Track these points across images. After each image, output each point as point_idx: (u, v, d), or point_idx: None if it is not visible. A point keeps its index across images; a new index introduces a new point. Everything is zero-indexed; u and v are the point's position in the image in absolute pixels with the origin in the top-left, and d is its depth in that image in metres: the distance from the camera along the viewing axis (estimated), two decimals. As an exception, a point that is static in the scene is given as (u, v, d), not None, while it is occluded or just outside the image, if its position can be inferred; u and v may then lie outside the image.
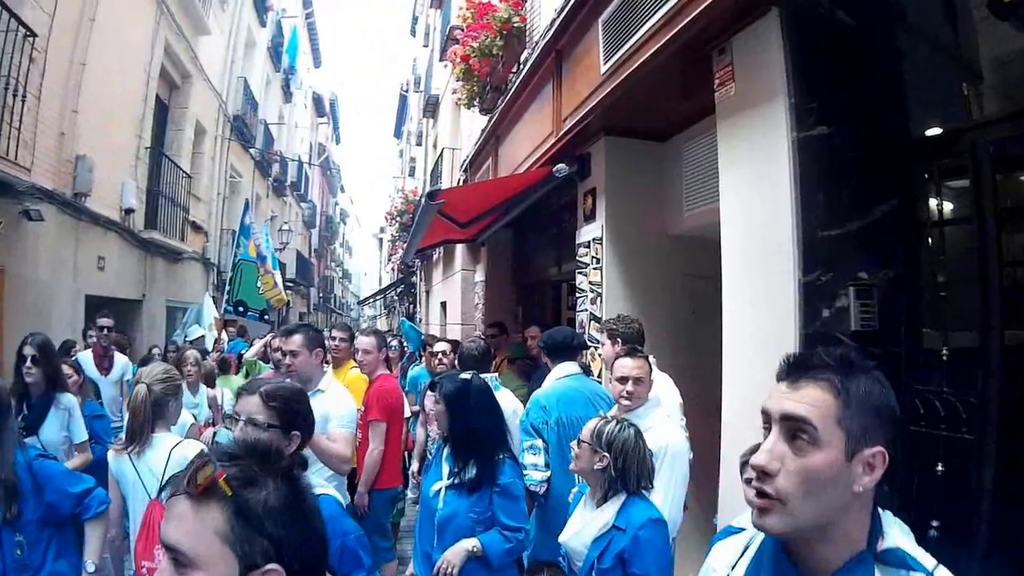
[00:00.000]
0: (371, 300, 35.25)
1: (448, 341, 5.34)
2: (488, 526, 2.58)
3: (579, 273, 4.67)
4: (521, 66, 5.73)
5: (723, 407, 2.86)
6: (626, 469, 2.24)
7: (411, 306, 19.80)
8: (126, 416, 2.75)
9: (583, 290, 4.58)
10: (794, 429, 1.03)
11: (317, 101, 31.02)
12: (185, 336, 8.76)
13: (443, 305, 12.22)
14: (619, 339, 3.30)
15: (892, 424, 1.04)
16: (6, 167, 5.94)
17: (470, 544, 2.52)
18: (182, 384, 2.97)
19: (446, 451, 2.73)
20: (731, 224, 2.88)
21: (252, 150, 17.90)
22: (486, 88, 6.93)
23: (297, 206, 26.85)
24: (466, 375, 2.80)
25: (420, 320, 17.71)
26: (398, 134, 29.70)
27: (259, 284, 9.10)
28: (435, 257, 13.47)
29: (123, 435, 2.71)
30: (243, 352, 7.46)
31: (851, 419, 1.01)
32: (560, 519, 2.54)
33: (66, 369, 4.01)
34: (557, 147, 4.68)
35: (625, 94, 3.67)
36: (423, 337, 6.98)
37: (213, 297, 11.81)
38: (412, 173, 22.14)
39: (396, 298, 26.69)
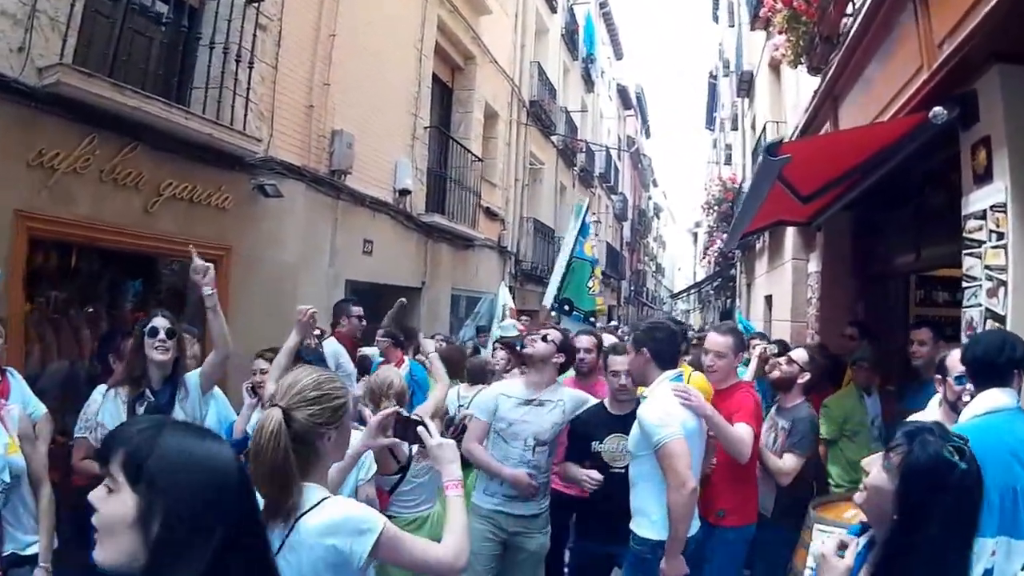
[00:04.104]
0: (685, 294, 33.87)
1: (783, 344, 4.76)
2: None
3: (967, 255, 3.66)
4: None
5: None
6: None
7: (728, 300, 18.33)
8: None
9: (973, 277, 3.58)
10: None
11: (622, 92, 30.29)
12: (500, 332, 8.12)
13: (767, 299, 11.60)
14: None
15: None
16: (232, 138, 5.37)
17: None
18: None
19: None
20: None
21: (553, 137, 17.27)
22: (814, 42, 6.25)
23: (607, 198, 26.26)
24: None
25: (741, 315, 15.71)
26: (710, 124, 28.36)
27: (589, 284, 8.67)
28: (758, 246, 12.53)
29: None
30: None
31: None
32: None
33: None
34: (928, 87, 3.75)
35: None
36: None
37: (510, 287, 11.19)
38: (728, 160, 20.52)
39: (712, 292, 25.16)
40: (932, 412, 2.76)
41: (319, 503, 1.60)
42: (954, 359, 2.64)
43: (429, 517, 3.30)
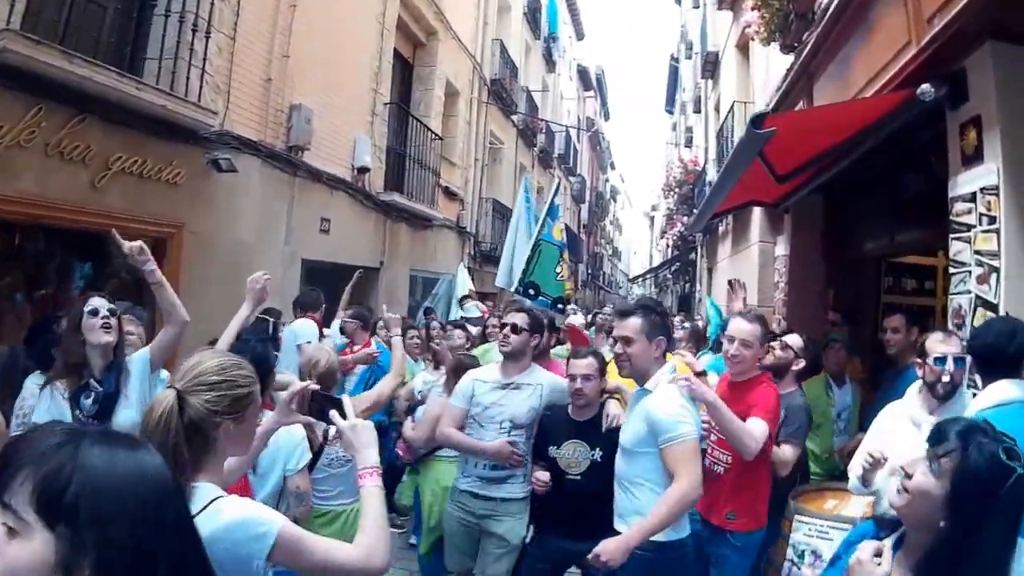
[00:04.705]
0: (642, 279, 34.18)
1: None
2: None
3: (955, 239, 3.52)
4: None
5: None
6: None
7: (687, 285, 18.10)
8: None
9: (961, 263, 3.44)
10: None
11: (582, 74, 30.22)
12: (461, 314, 8.00)
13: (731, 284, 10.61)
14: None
15: None
16: (186, 110, 5.17)
17: None
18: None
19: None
20: None
21: (514, 116, 17.16)
22: (789, 19, 6.09)
23: (565, 179, 26.19)
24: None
25: (699, 301, 15.80)
26: (670, 107, 28.46)
27: (558, 269, 8.25)
28: (721, 229, 12.38)
29: None
30: None
31: None
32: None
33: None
34: (916, 64, 3.59)
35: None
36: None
37: (468, 268, 11.13)
38: (689, 143, 20.50)
39: (670, 276, 25.24)
40: (912, 396, 2.73)
41: (208, 504, 1.41)
42: (933, 341, 2.62)
43: (344, 514, 3.12)
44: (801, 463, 3.56)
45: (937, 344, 2.59)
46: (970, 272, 3.36)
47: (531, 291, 7.93)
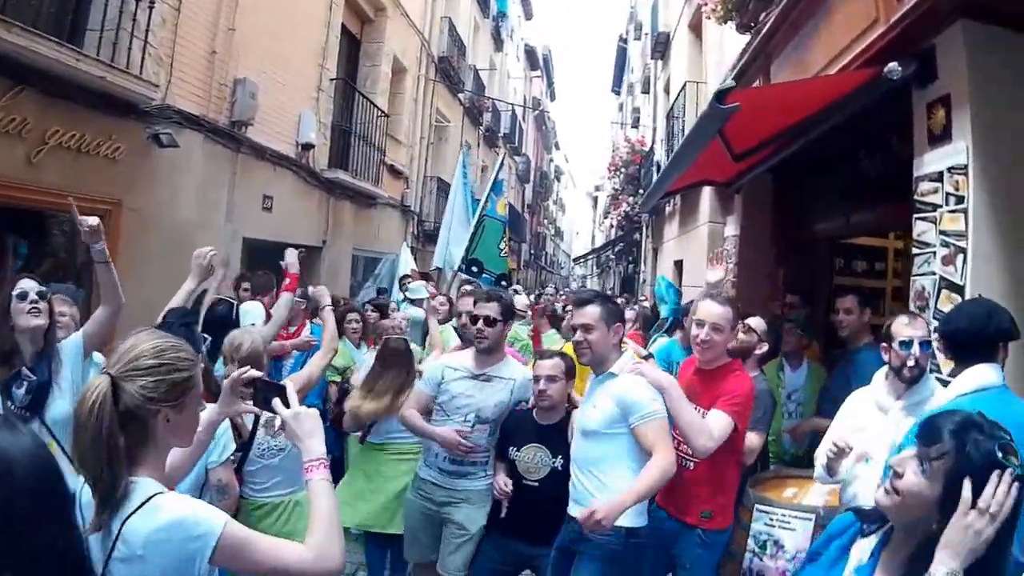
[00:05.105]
0: (585, 259, 34.51)
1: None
2: None
3: (919, 219, 3.43)
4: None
5: None
6: None
7: (631, 266, 18.15)
8: None
9: (926, 243, 3.36)
10: None
11: (530, 53, 30.21)
12: (407, 295, 7.84)
13: (678, 264, 11.09)
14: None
15: None
16: (127, 82, 5.03)
17: None
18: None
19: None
20: None
21: (461, 95, 17.07)
22: None
23: (510, 159, 26.20)
24: None
25: (644, 281, 16.06)
26: (616, 88, 28.59)
27: (501, 245, 7.90)
28: (668, 209, 12.28)
29: None
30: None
31: None
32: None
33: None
34: (883, 42, 3.51)
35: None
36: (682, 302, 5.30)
37: (411, 248, 11.08)
38: (636, 124, 20.77)
39: (612, 257, 25.48)
40: (878, 382, 2.67)
41: (146, 501, 1.31)
42: (899, 324, 2.53)
43: (281, 505, 2.95)
44: (762, 451, 3.41)
45: (903, 328, 2.52)
46: (935, 253, 3.27)
47: (474, 268, 7.57)
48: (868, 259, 6.25)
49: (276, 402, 1.68)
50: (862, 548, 1.46)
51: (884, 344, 2.61)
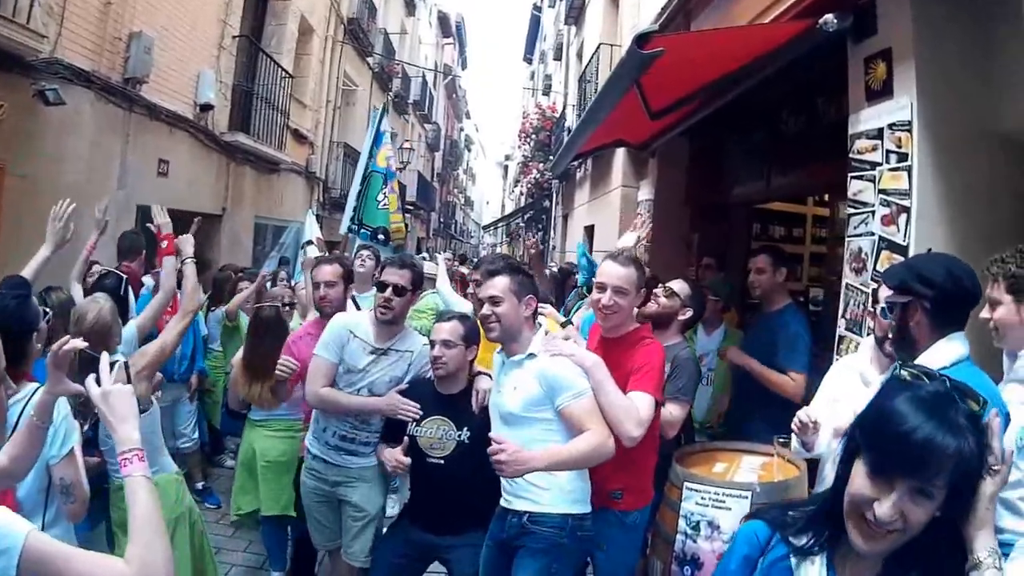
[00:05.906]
0: (494, 227, 34.70)
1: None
2: None
3: (855, 178, 3.30)
4: None
5: None
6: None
7: (541, 234, 18.21)
8: None
9: (863, 203, 3.23)
10: None
11: (443, 20, 29.91)
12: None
13: (588, 230, 10.85)
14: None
15: None
16: (12, 32, 4.62)
17: None
18: None
19: None
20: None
21: (370, 59, 16.61)
22: None
23: (420, 127, 25.91)
24: None
25: (554, 248, 16.28)
26: (529, 56, 28.52)
27: (380, 197, 7.29)
28: (579, 175, 12.20)
29: None
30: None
31: None
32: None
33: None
34: None
35: None
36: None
37: (317, 215, 10.78)
38: (547, 92, 20.88)
39: (522, 225, 25.62)
40: (866, 349, 2.39)
41: None
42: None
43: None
44: (686, 422, 3.19)
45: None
46: (873, 212, 3.12)
47: (355, 225, 7.07)
48: (786, 225, 6.25)
49: (89, 379, 1.44)
50: (810, 573, 1.21)
51: (870, 310, 2.41)
